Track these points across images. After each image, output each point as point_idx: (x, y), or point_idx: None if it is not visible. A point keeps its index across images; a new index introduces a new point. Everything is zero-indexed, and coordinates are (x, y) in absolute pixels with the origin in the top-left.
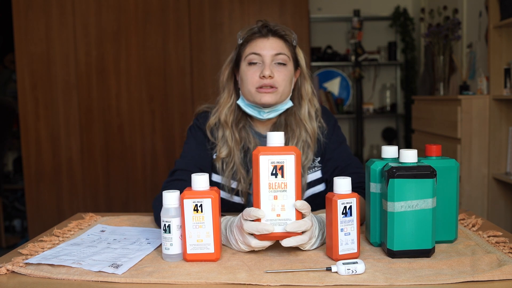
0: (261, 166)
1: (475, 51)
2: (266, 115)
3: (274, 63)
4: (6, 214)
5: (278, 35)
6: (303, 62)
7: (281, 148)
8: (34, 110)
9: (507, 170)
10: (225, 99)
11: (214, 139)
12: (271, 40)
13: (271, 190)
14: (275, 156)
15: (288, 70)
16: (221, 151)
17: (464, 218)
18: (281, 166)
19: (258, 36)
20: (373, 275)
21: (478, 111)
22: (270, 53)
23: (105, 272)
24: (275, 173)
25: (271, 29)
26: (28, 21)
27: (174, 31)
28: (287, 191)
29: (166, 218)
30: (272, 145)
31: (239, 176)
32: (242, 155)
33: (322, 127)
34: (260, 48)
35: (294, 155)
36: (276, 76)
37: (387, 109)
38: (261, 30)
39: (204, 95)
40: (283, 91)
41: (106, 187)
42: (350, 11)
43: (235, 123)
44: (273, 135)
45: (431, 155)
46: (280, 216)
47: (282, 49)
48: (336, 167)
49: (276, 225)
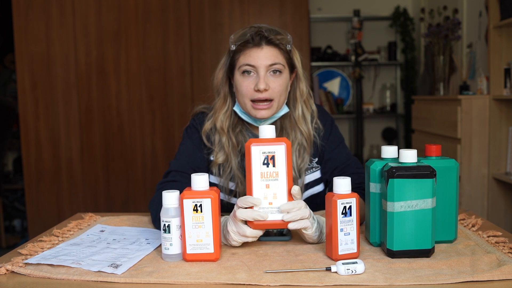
0: (252, 156)
1: (475, 51)
2: (262, 123)
3: (269, 72)
4: (6, 214)
5: (272, 43)
6: (299, 64)
7: (272, 139)
8: (34, 110)
9: (507, 170)
10: (220, 104)
11: (210, 143)
12: (265, 49)
13: (263, 179)
14: (266, 147)
15: (283, 78)
16: (218, 157)
17: (464, 218)
18: (272, 156)
19: (252, 46)
20: (373, 275)
21: (478, 111)
22: (264, 64)
23: (104, 272)
24: (266, 163)
25: (265, 36)
26: (28, 21)
27: (174, 31)
28: (278, 180)
29: (166, 218)
30: (264, 137)
31: (236, 181)
32: (239, 159)
33: (319, 128)
34: (253, 59)
35: (284, 145)
36: (272, 88)
37: (387, 109)
38: (254, 38)
39: (204, 95)
40: (278, 102)
41: (106, 187)
42: (350, 11)
43: (232, 128)
44: (264, 128)
45: (431, 155)
46: (272, 204)
47: (276, 58)
48: (336, 168)
49: (268, 213)
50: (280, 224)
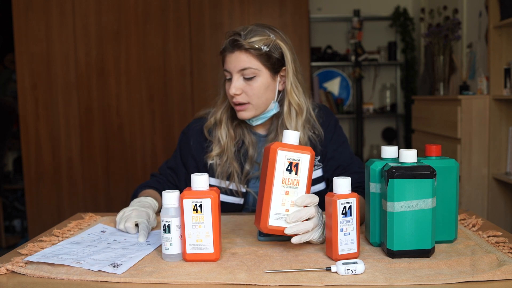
0: (277, 160)
1: (475, 51)
2: (254, 122)
3: (244, 77)
4: (6, 214)
5: (242, 48)
6: (287, 58)
7: (298, 146)
8: (34, 110)
9: (507, 170)
10: (221, 100)
11: (211, 138)
12: (235, 54)
13: (283, 185)
14: (292, 153)
15: (258, 82)
16: (215, 149)
17: (464, 218)
18: (296, 163)
19: (227, 52)
20: (373, 275)
21: (478, 111)
22: (235, 69)
23: (104, 271)
24: (290, 169)
25: (234, 41)
26: (28, 21)
27: (174, 31)
28: (298, 188)
29: (166, 218)
30: (287, 142)
31: (231, 170)
32: (236, 150)
33: (318, 128)
34: (227, 64)
35: (309, 155)
36: (246, 91)
37: (387, 109)
38: (228, 44)
39: (204, 95)
40: (257, 104)
41: (106, 187)
42: (350, 11)
43: (230, 120)
44: (289, 133)
45: (431, 155)
46: (289, 212)
47: (247, 62)
48: (338, 167)
49: (282, 220)
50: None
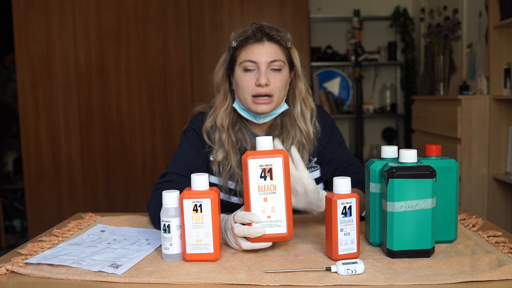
0: (250, 169)
1: (475, 51)
2: (262, 120)
3: (269, 69)
4: (6, 214)
5: (273, 40)
6: (297, 62)
7: (269, 152)
8: (34, 110)
9: (507, 170)
10: (221, 101)
11: (211, 142)
12: (266, 45)
13: (260, 193)
14: (263, 160)
15: (283, 75)
16: (218, 155)
17: (464, 218)
18: (269, 168)
19: (253, 42)
20: (373, 275)
21: (478, 111)
22: (265, 60)
23: (104, 272)
24: (264, 176)
25: (266, 33)
26: (28, 21)
27: (174, 31)
28: (276, 193)
29: (166, 218)
30: (261, 149)
31: (236, 178)
32: (239, 157)
33: (316, 127)
34: (255, 55)
35: (281, 158)
36: (272, 83)
37: (387, 109)
38: (256, 34)
39: (204, 95)
40: (278, 97)
41: (106, 187)
42: (350, 11)
43: (231, 125)
44: (261, 140)
45: (431, 155)
46: (271, 218)
47: (277, 54)
48: (337, 168)
49: (267, 227)
50: (279, 238)
